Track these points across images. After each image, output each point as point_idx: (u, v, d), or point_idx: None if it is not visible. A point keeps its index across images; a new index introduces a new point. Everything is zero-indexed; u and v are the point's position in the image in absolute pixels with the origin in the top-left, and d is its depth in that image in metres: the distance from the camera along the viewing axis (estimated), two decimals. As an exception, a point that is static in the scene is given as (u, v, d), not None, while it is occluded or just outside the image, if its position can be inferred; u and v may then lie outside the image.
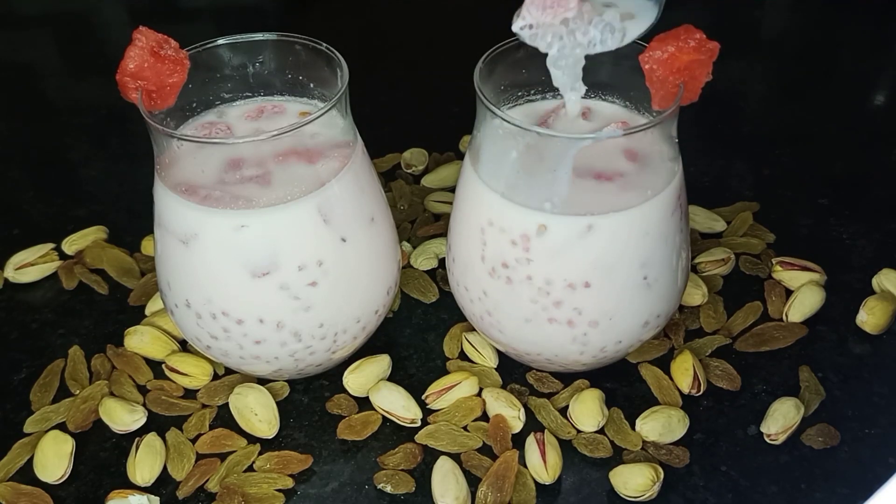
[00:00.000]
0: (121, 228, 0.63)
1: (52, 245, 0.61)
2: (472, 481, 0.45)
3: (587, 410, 0.47)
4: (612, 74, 0.46)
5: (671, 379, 0.50)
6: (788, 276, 0.56)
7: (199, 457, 0.47)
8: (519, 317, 0.45)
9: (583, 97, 0.44)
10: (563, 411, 0.49)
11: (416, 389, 0.50)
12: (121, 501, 0.44)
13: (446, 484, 0.44)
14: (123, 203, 0.67)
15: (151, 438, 0.47)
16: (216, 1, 1.01)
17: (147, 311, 0.56)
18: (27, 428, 0.49)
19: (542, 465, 0.45)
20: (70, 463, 0.47)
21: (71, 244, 0.62)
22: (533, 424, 0.48)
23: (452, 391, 0.49)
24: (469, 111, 0.45)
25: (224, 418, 0.49)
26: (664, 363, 0.51)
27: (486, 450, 0.47)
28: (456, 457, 0.46)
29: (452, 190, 0.53)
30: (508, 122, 0.41)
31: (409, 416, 0.48)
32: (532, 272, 0.43)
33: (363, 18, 0.96)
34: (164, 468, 0.46)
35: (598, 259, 0.43)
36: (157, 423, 0.49)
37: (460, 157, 0.69)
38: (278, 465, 0.46)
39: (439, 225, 0.62)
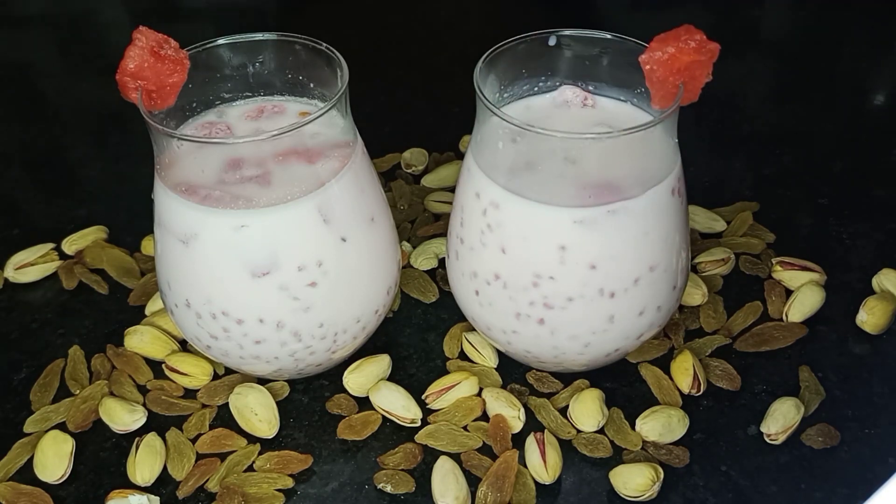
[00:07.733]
0: (121, 228, 0.63)
1: (52, 245, 0.61)
2: (472, 481, 0.45)
3: (587, 410, 0.47)
4: (613, 71, 0.46)
5: (671, 379, 0.50)
6: (788, 276, 0.56)
7: (199, 457, 0.47)
8: (514, 313, 0.45)
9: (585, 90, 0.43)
10: (563, 411, 0.49)
11: (416, 389, 0.50)
12: (121, 501, 0.44)
13: (446, 484, 0.44)
14: (123, 203, 0.67)
15: (151, 438, 0.47)
16: (216, 1, 1.01)
17: (147, 311, 0.56)
18: (27, 428, 0.49)
19: (542, 464, 0.45)
20: (70, 463, 0.47)
21: (71, 244, 0.62)
22: (533, 424, 0.48)
23: (452, 391, 0.49)
24: (469, 111, 0.45)
25: (224, 418, 0.49)
26: (664, 363, 0.51)
27: (486, 450, 0.47)
28: (456, 457, 0.46)
29: (452, 190, 0.53)
30: (508, 121, 0.41)
31: (409, 415, 0.48)
32: (530, 266, 0.43)
33: (363, 18, 0.96)
34: (164, 468, 0.46)
35: (598, 257, 0.43)
36: (157, 423, 0.49)
37: (460, 157, 0.69)
38: (278, 464, 0.46)
39: (439, 225, 0.62)
